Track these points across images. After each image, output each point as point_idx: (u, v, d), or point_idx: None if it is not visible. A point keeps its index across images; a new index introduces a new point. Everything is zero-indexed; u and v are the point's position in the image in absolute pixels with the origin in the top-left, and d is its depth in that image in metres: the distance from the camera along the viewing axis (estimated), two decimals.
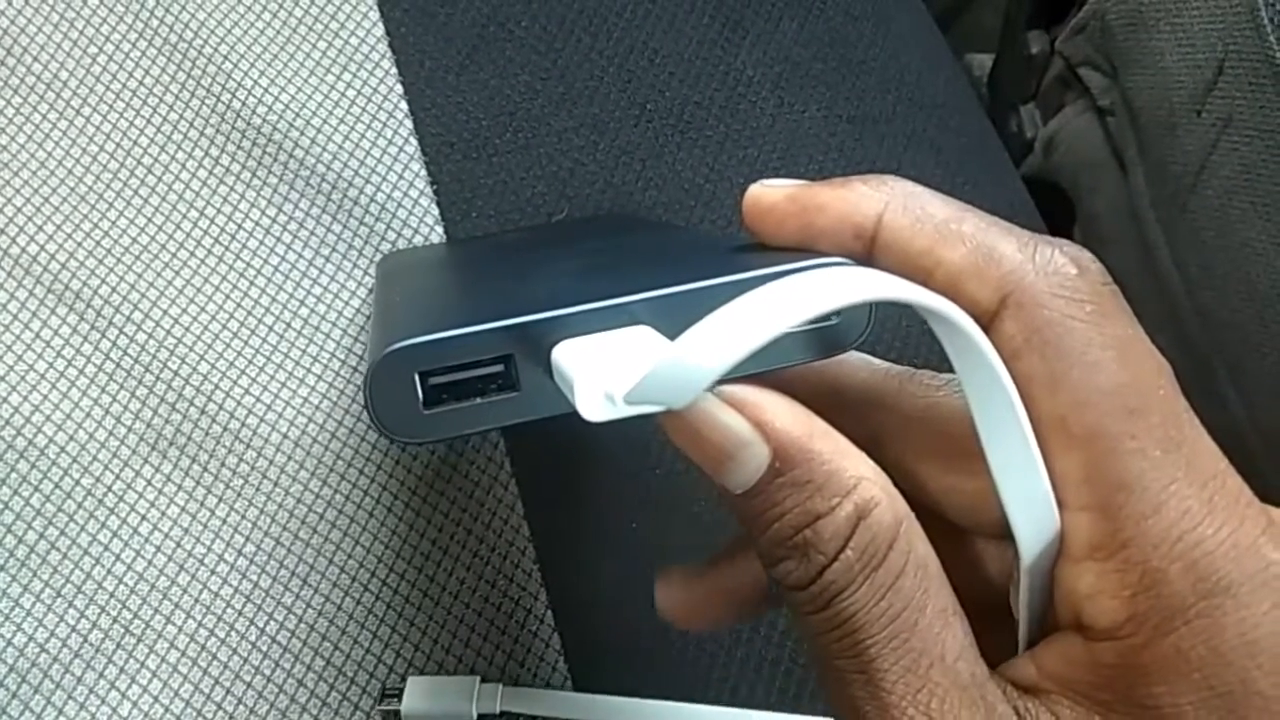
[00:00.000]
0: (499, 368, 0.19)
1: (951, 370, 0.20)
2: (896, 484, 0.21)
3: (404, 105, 0.41)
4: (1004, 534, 0.21)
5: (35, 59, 0.40)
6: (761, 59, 0.44)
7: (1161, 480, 0.18)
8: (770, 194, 0.22)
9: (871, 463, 0.19)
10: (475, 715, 0.33)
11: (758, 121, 0.43)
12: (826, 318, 0.20)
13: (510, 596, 0.35)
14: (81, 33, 0.41)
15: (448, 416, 0.19)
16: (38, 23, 0.40)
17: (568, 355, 0.19)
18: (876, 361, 0.23)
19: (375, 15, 0.43)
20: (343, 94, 0.41)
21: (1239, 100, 0.41)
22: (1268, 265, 0.41)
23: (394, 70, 0.42)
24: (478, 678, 0.33)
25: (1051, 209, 0.46)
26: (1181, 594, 0.18)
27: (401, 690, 0.33)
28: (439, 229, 0.40)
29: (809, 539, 0.18)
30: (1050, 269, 0.19)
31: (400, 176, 0.40)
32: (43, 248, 0.37)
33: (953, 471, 0.22)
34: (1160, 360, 0.19)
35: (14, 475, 0.34)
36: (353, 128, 0.41)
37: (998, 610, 0.21)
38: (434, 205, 0.40)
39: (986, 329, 0.19)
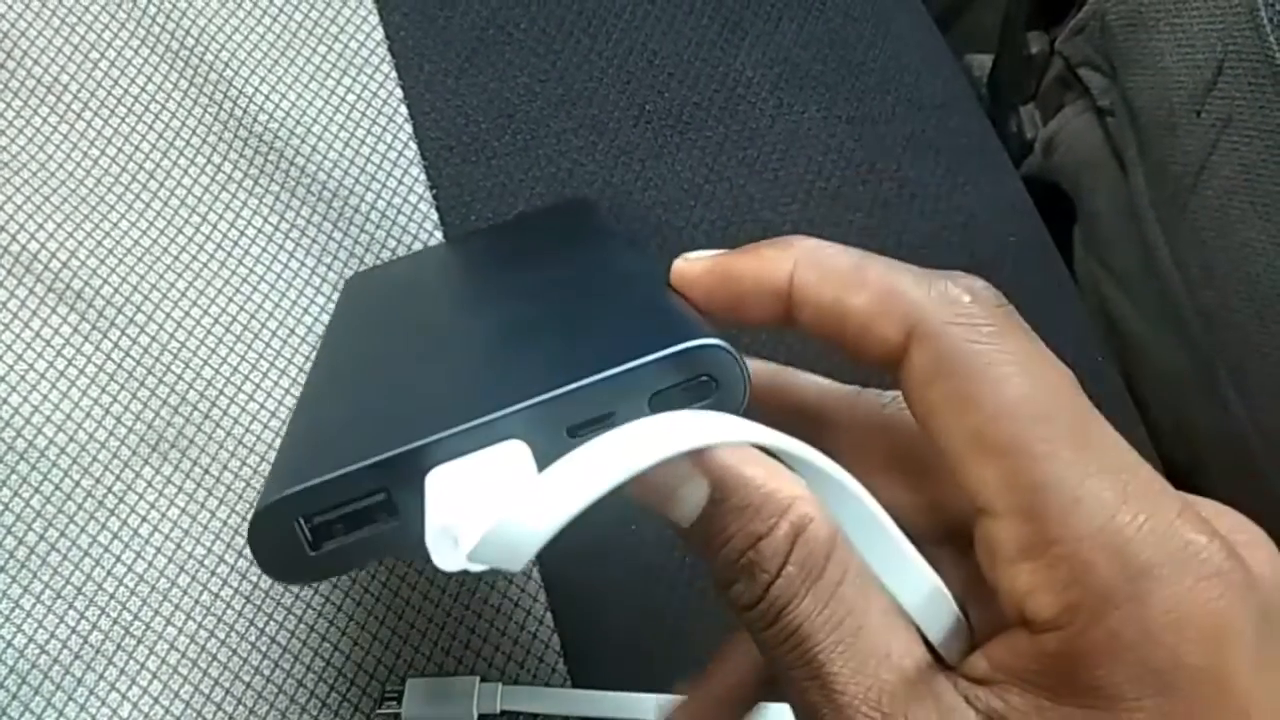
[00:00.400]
0: (380, 498, 0.20)
1: (894, 388, 0.22)
2: None
3: (403, 109, 0.41)
4: (948, 541, 0.23)
5: (36, 62, 0.40)
6: (761, 60, 0.44)
7: (1075, 478, 0.19)
8: (691, 268, 0.23)
9: (803, 482, 0.20)
10: (476, 715, 0.33)
11: (757, 122, 0.43)
12: (703, 390, 0.21)
13: (510, 598, 0.35)
14: (83, 37, 0.41)
15: (335, 553, 0.20)
16: (39, 26, 0.41)
17: (433, 490, 0.19)
18: (824, 381, 0.25)
19: (375, 19, 0.43)
20: (342, 98, 0.41)
21: (1239, 100, 0.41)
22: (1268, 265, 0.41)
23: (393, 74, 0.42)
24: (477, 678, 0.33)
25: (1051, 209, 0.46)
26: (1109, 581, 0.19)
27: (401, 693, 0.33)
28: (438, 233, 0.40)
29: (753, 559, 0.20)
30: (947, 299, 0.20)
31: (400, 180, 0.40)
32: (43, 246, 0.38)
33: (897, 484, 0.24)
34: (1061, 368, 0.20)
35: (14, 476, 0.35)
36: (353, 132, 0.41)
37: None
38: (433, 209, 0.40)
39: (898, 365, 0.21)
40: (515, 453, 0.20)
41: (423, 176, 0.40)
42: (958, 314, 0.20)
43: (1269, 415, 0.44)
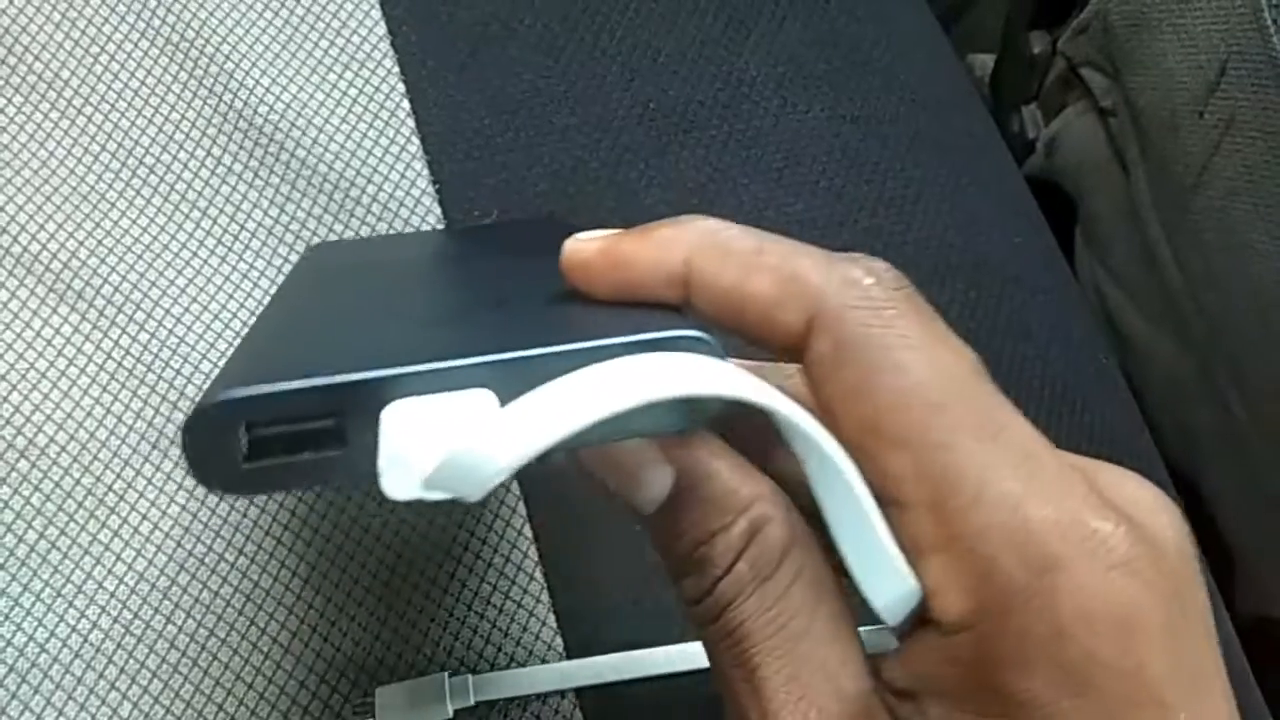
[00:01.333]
0: (328, 423, 0.18)
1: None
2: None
3: (406, 104, 0.41)
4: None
5: (37, 58, 0.40)
6: (765, 59, 0.44)
7: (978, 468, 0.18)
8: (583, 249, 0.22)
9: (770, 483, 0.20)
10: (451, 712, 0.32)
11: (761, 121, 0.42)
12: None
13: (512, 598, 0.35)
14: (84, 32, 0.40)
15: (271, 471, 0.19)
16: (39, 21, 0.40)
17: (390, 421, 0.18)
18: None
19: (377, 14, 0.42)
20: (345, 93, 0.41)
21: (1241, 101, 0.41)
22: (1270, 266, 0.41)
23: (396, 69, 0.42)
24: (446, 673, 0.32)
25: (1053, 210, 0.46)
26: (1015, 577, 0.18)
27: (372, 704, 0.32)
28: (440, 229, 0.40)
29: (706, 553, 0.19)
30: (847, 282, 0.19)
31: (402, 175, 0.40)
32: (44, 246, 0.37)
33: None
34: (965, 352, 0.20)
35: (14, 474, 0.34)
36: (354, 126, 0.41)
37: None
38: (436, 204, 0.40)
39: (802, 349, 0.20)
40: (482, 400, 0.18)
41: (425, 172, 0.40)
42: (858, 298, 0.19)
43: (1270, 416, 0.44)
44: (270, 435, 0.18)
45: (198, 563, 0.34)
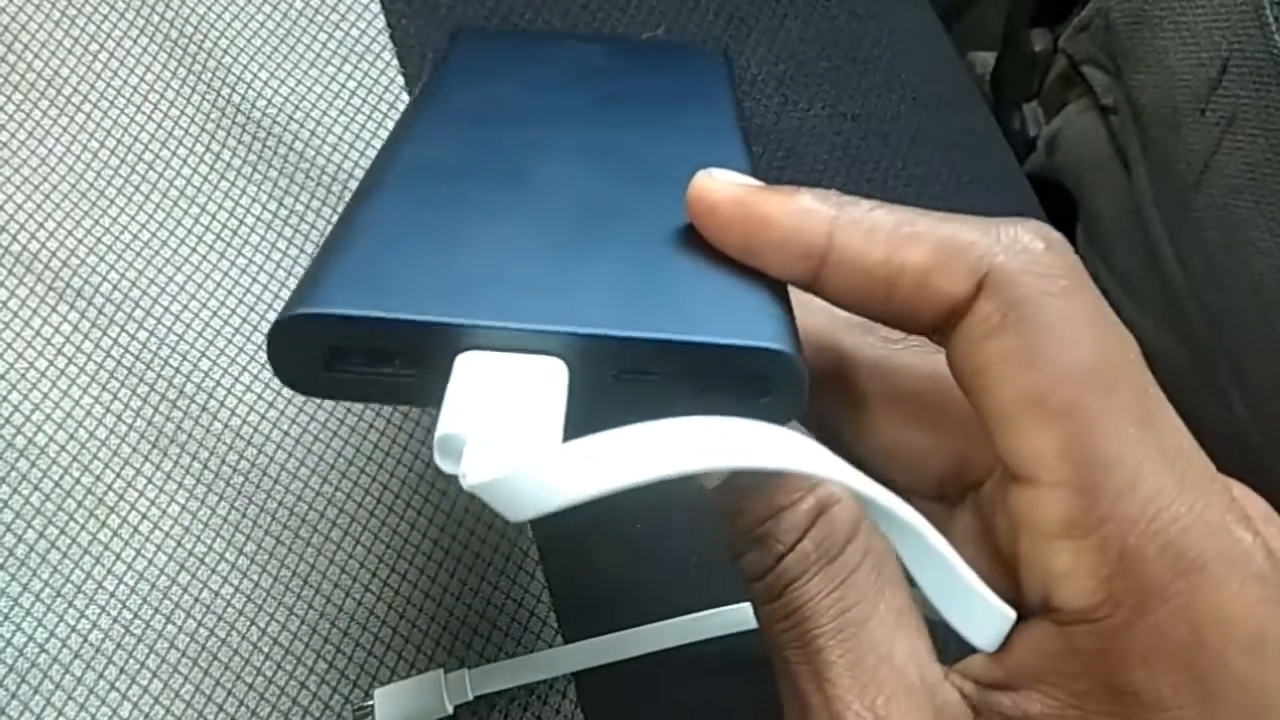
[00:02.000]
0: (406, 353, 0.19)
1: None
2: (851, 438, 0.22)
3: (405, 98, 0.41)
4: (940, 495, 0.22)
5: (36, 55, 0.40)
6: (766, 57, 0.43)
7: (1136, 457, 0.18)
8: (717, 191, 0.21)
9: (838, 460, 0.19)
10: (450, 708, 0.32)
11: (762, 119, 0.42)
12: (758, 388, 0.19)
13: (513, 598, 0.35)
14: (83, 29, 0.40)
15: (346, 381, 0.20)
16: (38, 19, 0.40)
17: (460, 375, 0.19)
18: (836, 310, 0.22)
19: (376, 7, 0.42)
20: (344, 86, 0.41)
21: (1243, 99, 0.41)
22: (1272, 264, 0.41)
23: (395, 62, 0.41)
24: (441, 670, 0.32)
25: (1054, 208, 0.46)
26: (1159, 573, 0.17)
27: (371, 708, 0.32)
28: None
29: (770, 529, 0.19)
30: (1019, 247, 0.19)
31: None
32: (44, 245, 0.37)
33: (900, 423, 0.22)
34: (1129, 336, 0.19)
35: (14, 474, 0.34)
36: (354, 120, 0.40)
37: None
38: None
39: (961, 314, 0.19)
40: (553, 371, 0.19)
41: None
42: (1032, 263, 0.19)
43: (1271, 414, 0.44)
44: (349, 348, 0.19)
45: (198, 562, 0.34)
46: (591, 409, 0.18)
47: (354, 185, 0.39)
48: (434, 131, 0.26)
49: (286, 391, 0.36)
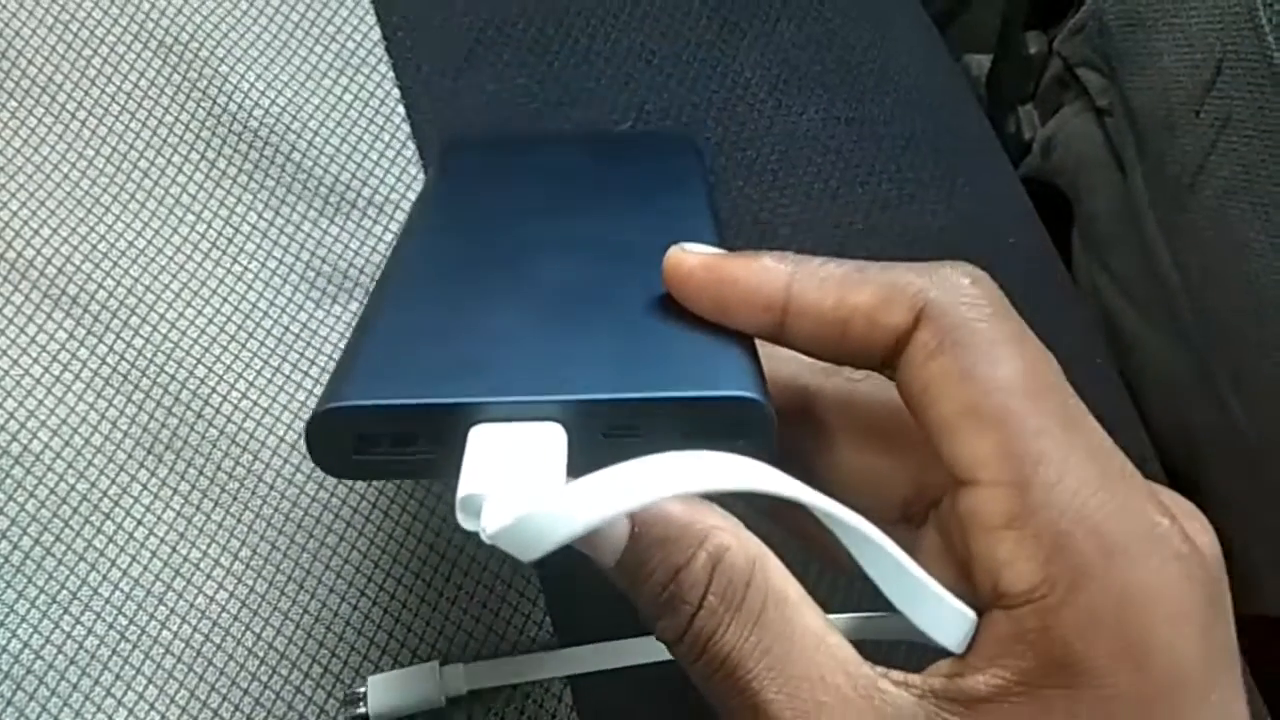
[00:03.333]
0: (425, 433, 0.22)
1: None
2: (823, 470, 0.25)
3: (401, 109, 0.41)
4: (906, 517, 0.25)
5: (30, 62, 0.40)
6: (759, 61, 0.43)
7: (1062, 454, 0.20)
8: (689, 260, 0.24)
9: (721, 511, 0.21)
10: (444, 700, 0.32)
11: (756, 124, 0.42)
12: (733, 431, 0.22)
13: (509, 602, 0.35)
14: (77, 35, 0.40)
15: (376, 463, 0.23)
16: (32, 25, 0.40)
17: (474, 445, 0.21)
18: (802, 357, 0.25)
19: (371, 19, 0.42)
20: (339, 97, 0.41)
21: (1237, 100, 0.41)
22: (1267, 265, 0.41)
23: (390, 74, 0.42)
24: (437, 661, 0.33)
25: (1049, 210, 0.46)
26: (1087, 555, 0.20)
27: (364, 695, 0.32)
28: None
29: (674, 592, 0.21)
30: (950, 284, 0.22)
31: (398, 179, 0.40)
32: (39, 252, 0.37)
33: (864, 451, 0.25)
34: (1048, 353, 0.22)
35: (9, 481, 0.34)
36: (349, 130, 0.41)
37: None
38: None
39: (904, 344, 0.22)
40: (552, 435, 0.21)
41: (421, 176, 0.40)
42: (962, 296, 0.22)
43: (1268, 416, 0.44)
44: (375, 434, 0.22)
45: (193, 567, 0.34)
46: (588, 467, 0.20)
47: (350, 195, 0.39)
48: (434, 237, 0.30)
49: (281, 398, 0.36)
